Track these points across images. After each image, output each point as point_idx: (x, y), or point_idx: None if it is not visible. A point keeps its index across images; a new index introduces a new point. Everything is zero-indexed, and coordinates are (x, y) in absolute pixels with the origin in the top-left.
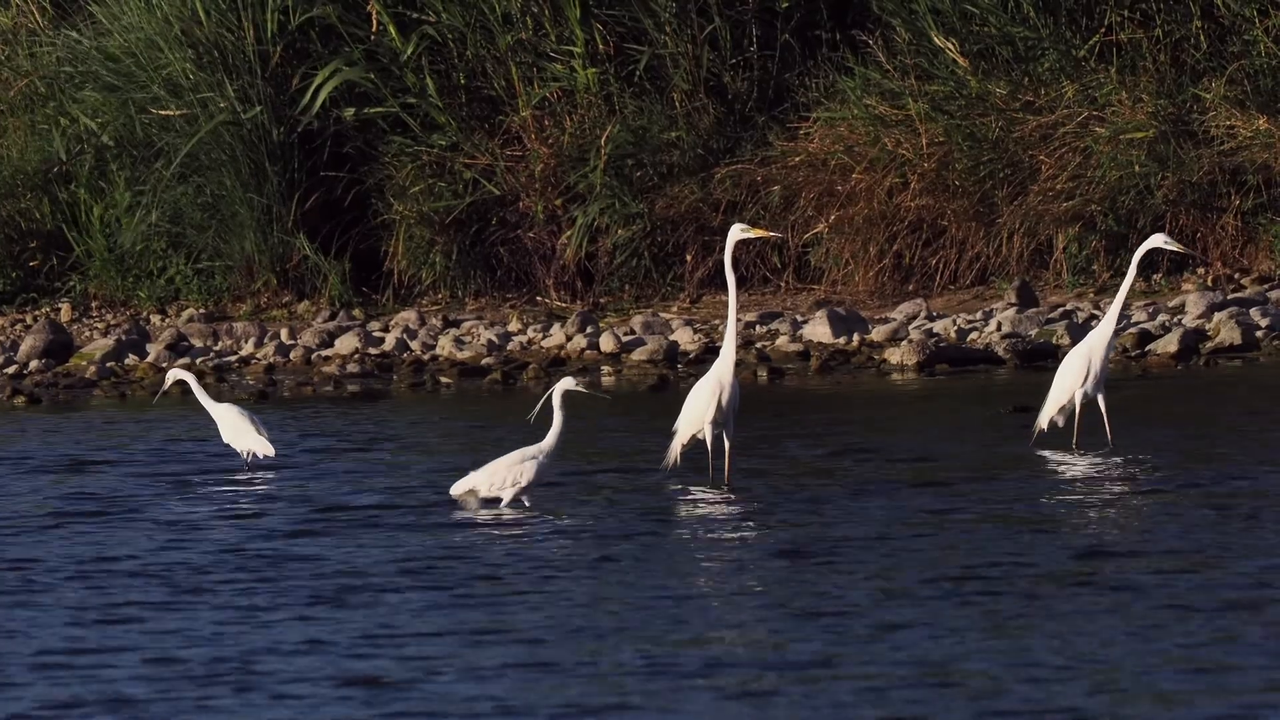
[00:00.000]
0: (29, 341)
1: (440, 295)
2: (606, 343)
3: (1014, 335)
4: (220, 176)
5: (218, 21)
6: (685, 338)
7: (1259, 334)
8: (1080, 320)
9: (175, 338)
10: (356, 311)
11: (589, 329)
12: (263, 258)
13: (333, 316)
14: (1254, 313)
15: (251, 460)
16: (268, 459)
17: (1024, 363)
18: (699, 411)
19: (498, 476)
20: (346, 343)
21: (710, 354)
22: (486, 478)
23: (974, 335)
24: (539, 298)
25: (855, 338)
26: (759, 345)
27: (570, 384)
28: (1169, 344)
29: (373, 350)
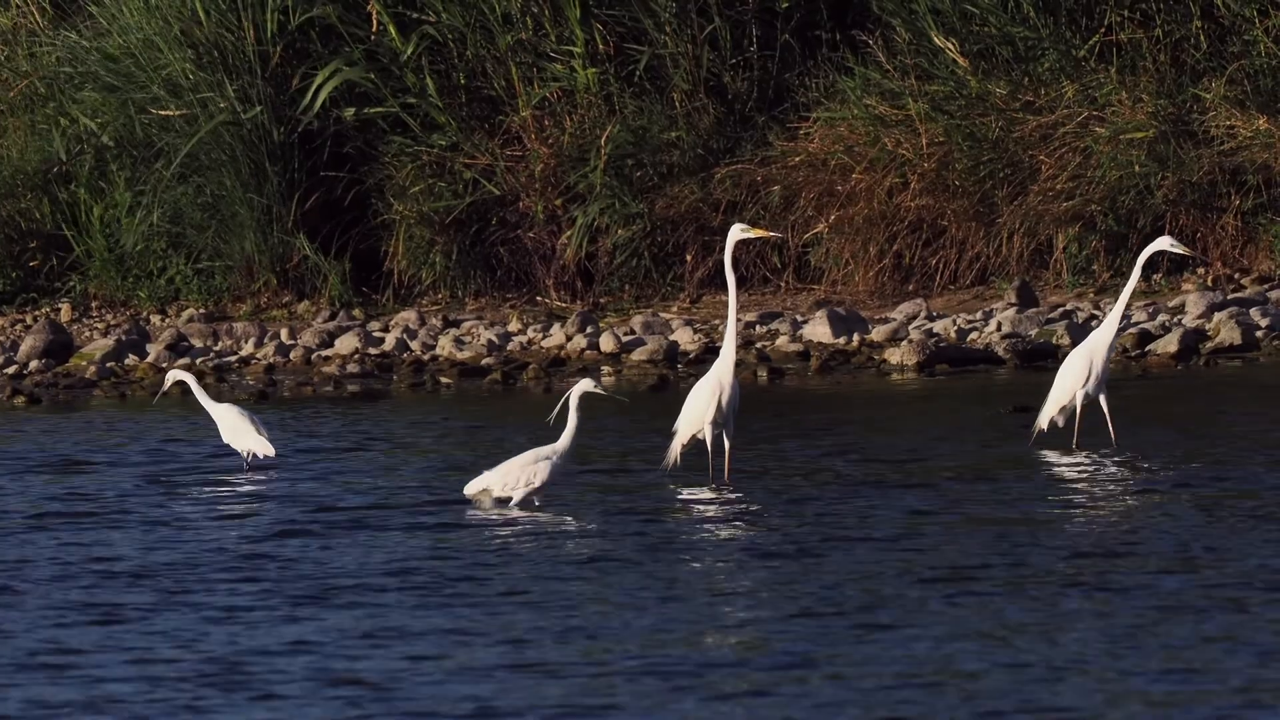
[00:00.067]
0: (29, 341)
1: (440, 295)
2: (606, 343)
3: (1014, 335)
4: (220, 176)
5: (217, 22)
6: (685, 338)
7: (1259, 334)
8: (1080, 320)
9: (175, 338)
10: (356, 311)
11: (589, 329)
12: (263, 258)
13: (333, 316)
14: (1254, 313)
15: (251, 460)
16: (268, 459)
17: (1024, 363)
18: (699, 411)
19: (511, 476)
20: (346, 343)
21: (710, 354)
22: (500, 477)
23: (974, 335)
24: (539, 298)
25: (855, 338)
26: (759, 345)
27: (589, 385)
28: (1169, 344)
29: (373, 350)
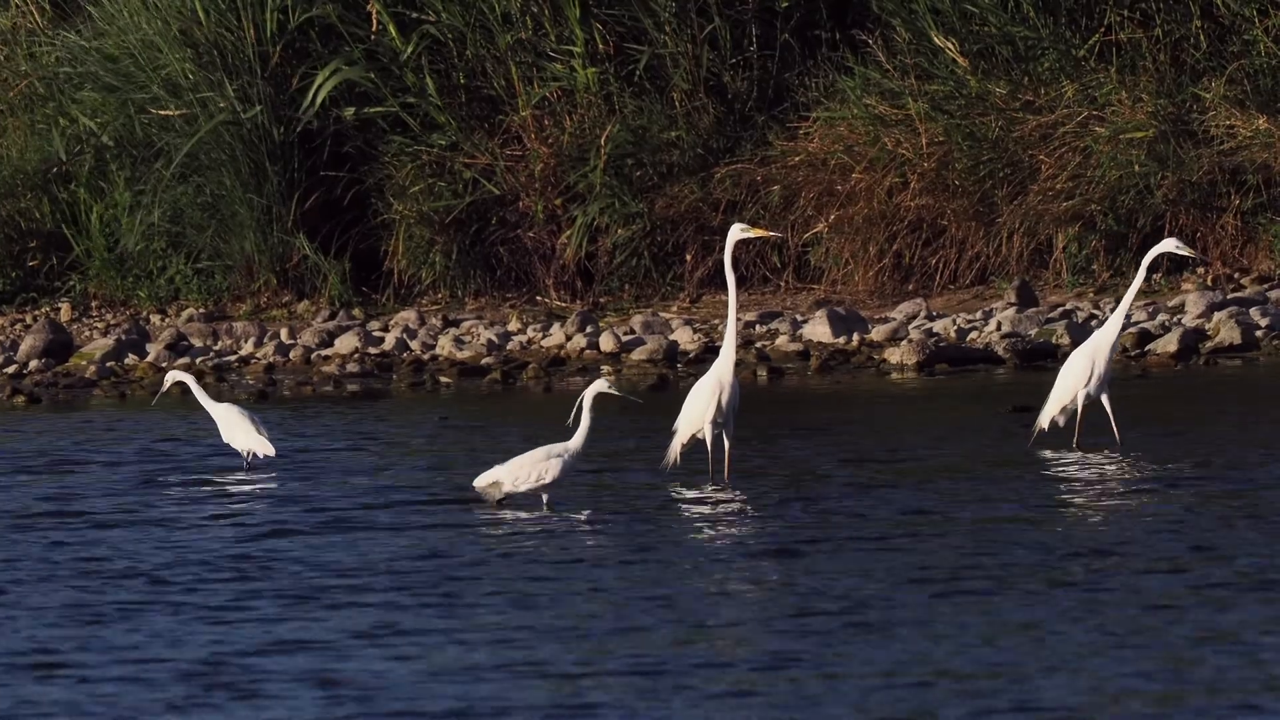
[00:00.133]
0: (29, 341)
1: (440, 295)
2: (606, 342)
3: (1014, 335)
4: (220, 176)
5: (217, 21)
6: (685, 337)
7: (1259, 334)
8: (1080, 320)
9: (175, 337)
10: (356, 311)
11: (589, 329)
12: (263, 257)
13: (332, 316)
14: (1254, 312)
15: (251, 460)
16: (268, 459)
17: (1024, 362)
18: (699, 411)
19: (522, 471)
20: (346, 342)
21: (710, 354)
22: (511, 472)
23: (974, 335)
24: (539, 297)
25: (855, 337)
26: (759, 345)
27: (603, 386)
28: (1169, 344)
29: (372, 350)
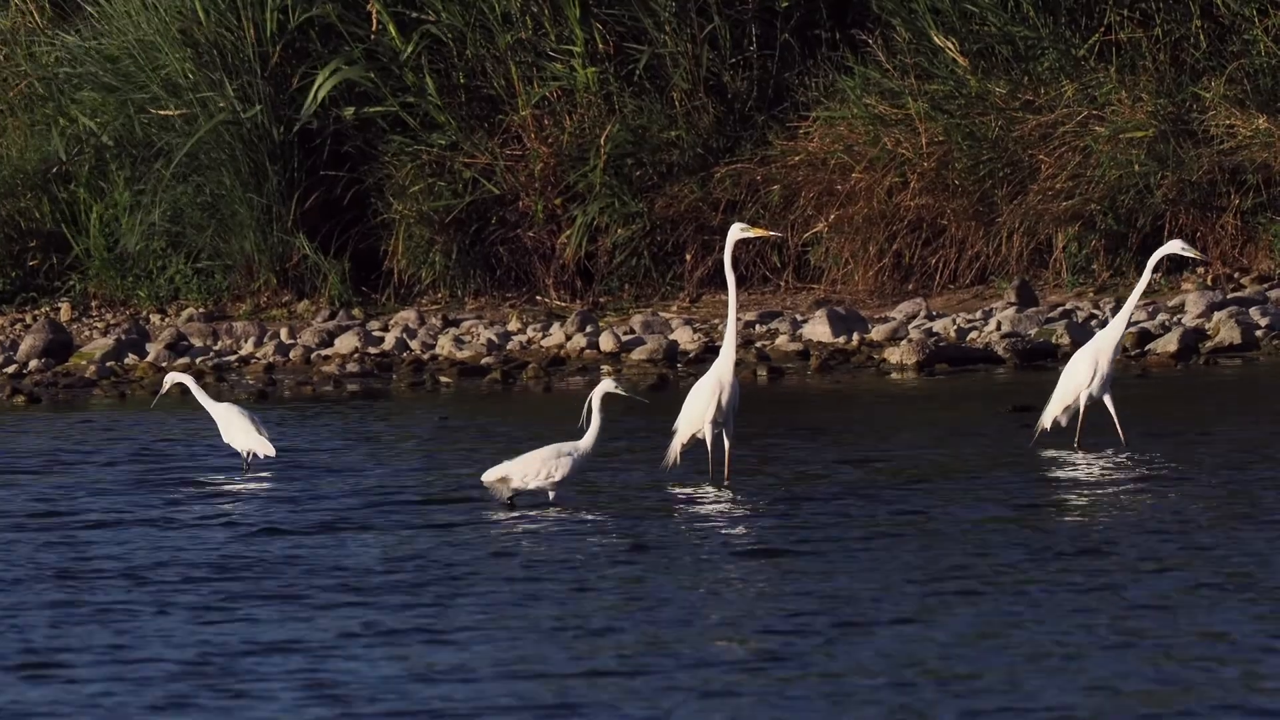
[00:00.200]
0: (29, 341)
1: (440, 295)
2: (606, 342)
3: (1013, 334)
4: (220, 176)
5: (217, 21)
6: (685, 337)
7: (1259, 333)
8: (1080, 319)
9: (175, 337)
10: (356, 311)
11: (589, 328)
12: (262, 257)
13: (332, 316)
14: (1254, 312)
15: (251, 460)
16: (267, 459)
17: (1023, 362)
18: (699, 411)
19: (531, 468)
20: (346, 342)
21: (710, 353)
22: (520, 468)
23: (974, 334)
24: (539, 297)
25: (855, 337)
26: (759, 344)
27: (610, 386)
28: (1169, 343)
29: (372, 350)
